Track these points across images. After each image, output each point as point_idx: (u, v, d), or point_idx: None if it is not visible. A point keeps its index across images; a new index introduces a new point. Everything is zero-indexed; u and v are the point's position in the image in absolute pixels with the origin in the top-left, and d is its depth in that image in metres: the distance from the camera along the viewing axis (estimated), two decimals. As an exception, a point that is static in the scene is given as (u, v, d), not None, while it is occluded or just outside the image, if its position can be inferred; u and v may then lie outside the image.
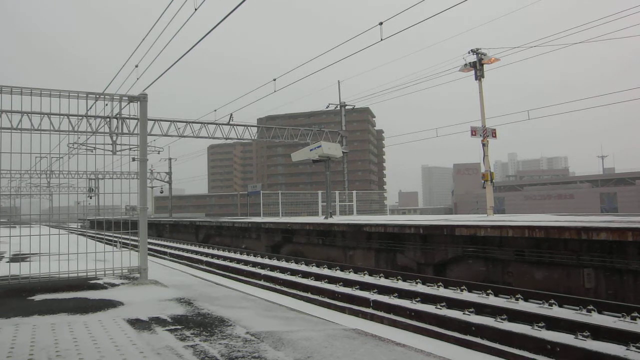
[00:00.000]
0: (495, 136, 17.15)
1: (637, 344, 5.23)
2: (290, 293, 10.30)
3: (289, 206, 24.64)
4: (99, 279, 5.20)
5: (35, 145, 4.76)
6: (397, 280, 10.01)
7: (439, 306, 7.57)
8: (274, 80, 21.22)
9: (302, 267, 12.87)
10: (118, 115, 5.35)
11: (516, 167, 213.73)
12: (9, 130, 4.65)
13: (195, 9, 10.10)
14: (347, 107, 28.33)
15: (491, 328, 6.34)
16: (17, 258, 7.19)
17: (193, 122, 25.14)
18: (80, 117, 5.18)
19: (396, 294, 8.64)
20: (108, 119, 5.56)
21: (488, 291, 8.19)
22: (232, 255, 17.41)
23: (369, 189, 77.24)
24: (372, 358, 2.46)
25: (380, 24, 13.91)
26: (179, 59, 13.14)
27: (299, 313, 3.73)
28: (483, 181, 16.99)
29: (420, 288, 9.00)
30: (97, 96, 5.05)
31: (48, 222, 26.66)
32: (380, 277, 10.45)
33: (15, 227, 9.66)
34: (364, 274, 10.88)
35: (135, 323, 3.24)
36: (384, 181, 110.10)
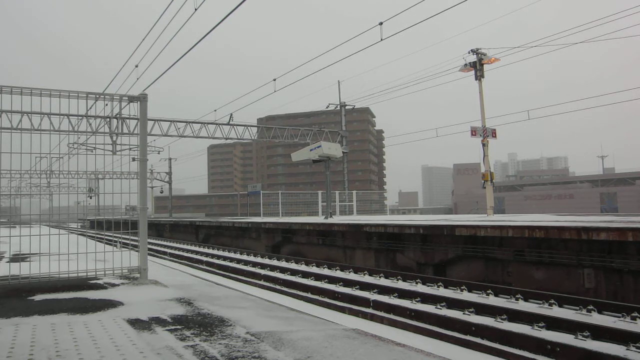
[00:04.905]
0: (495, 136, 17.15)
1: (637, 344, 5.23)
2: (290, 293, 10.30)
3: (289, 206, 24.66)
4: (99, 279, 5.19)
5: (35, 145, 4.77)
6: (397, 280, 10.00)
7: (439, 306, 7.57)
8: (274, 80, 21.26)
9: (302, 267, 12.87)
10: (118, 115, 5.35)
11: (516, 167, 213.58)
12: (9, 130, 4.65)
13: (195, 9, 10.10)
14: (347, 107, 28.34)
15: (491, 328, 6.34)
16: (17, 258, 7.20)
17: (193, 122, 25.16)
18: (80, 117, 5.18)
19: (396, 294, 8.64)
20: (108, 119, 5.56)
21: (488, 291, 8.19)
22: (232, 255, 17.41)
23: (369, 189, 77.24)
24: (372, 358, 2.46)
25: (380, 24, 13.92)
26: (178, 59, 13.15)
27: (299, 313, 3.73)
28: (483, 181, 16.98)
29: (420, 288, 9.00)
30: (97, 96, 5.05)
31: (48, 222, 26.63)
32: (380, 277, 10.45)
33: (15, 227, 9.65)
34: (364, 274, 10.88)
35: (135, 323, 3.24)
36: (384, 181, 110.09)
